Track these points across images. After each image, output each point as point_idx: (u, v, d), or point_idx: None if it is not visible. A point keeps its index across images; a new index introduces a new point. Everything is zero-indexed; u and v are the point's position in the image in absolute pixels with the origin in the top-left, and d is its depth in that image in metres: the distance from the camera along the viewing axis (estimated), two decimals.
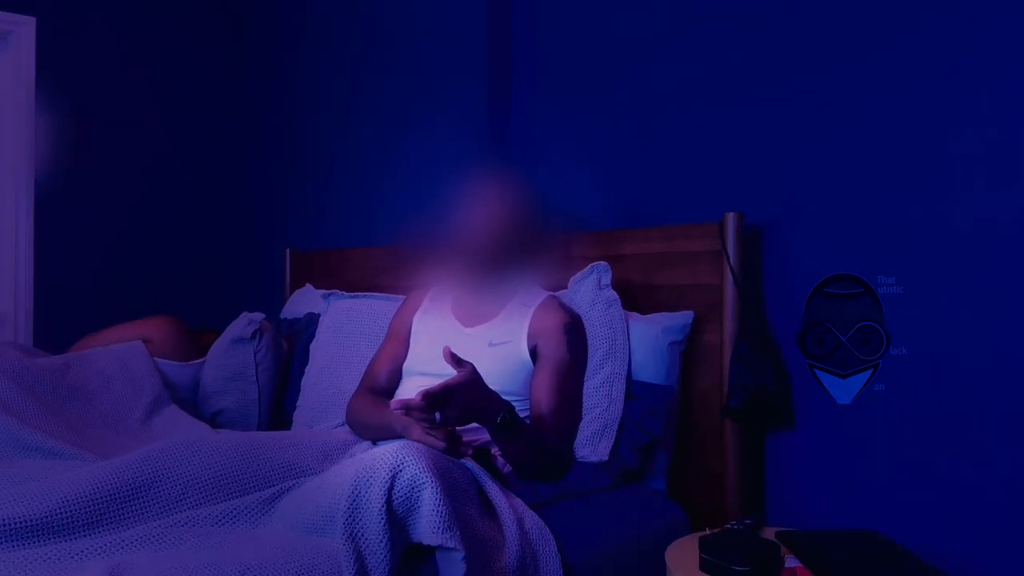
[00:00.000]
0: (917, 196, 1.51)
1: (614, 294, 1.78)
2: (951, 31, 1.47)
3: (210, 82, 3.65)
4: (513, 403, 1.63)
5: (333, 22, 3.02)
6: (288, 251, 3.03)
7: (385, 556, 1.11)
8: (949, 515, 1.45)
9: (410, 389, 1.68)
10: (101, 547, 1.12)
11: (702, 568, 1.31)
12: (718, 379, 1.72)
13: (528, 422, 1.63)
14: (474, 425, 1.46)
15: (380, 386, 1.76)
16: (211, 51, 3.65)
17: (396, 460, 1.18)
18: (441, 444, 1.37)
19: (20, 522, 1.12)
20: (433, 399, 1.30)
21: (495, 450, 1.56)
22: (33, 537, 1.13)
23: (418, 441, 1.36)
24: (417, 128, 2.59)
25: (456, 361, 1.36)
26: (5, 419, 1.71)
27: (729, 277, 1.70)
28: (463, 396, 1.34)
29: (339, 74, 2.97)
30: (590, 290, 1.81)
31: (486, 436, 1.53)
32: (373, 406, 1.66)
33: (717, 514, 1.68)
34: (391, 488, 1.15)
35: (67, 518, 1.17)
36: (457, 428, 1.42)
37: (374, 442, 1.65)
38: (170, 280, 3.49)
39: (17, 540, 1.11)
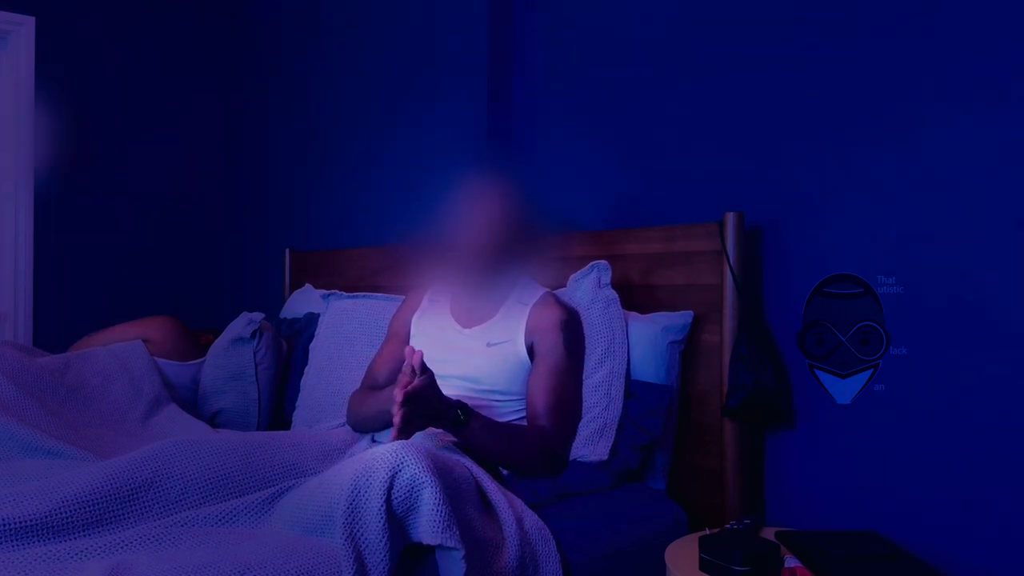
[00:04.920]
0: (918, 196, 1.51)
1: (613, 293, 1.78)
2: (949, 32, 1.47)
3: (210, 82, 3.65)
4: (513, 402, 1.64)
5: (334, 21, 3.02)
6: (288, 251, 3.03)
7: (385, 556, 1.11)
8: (949, 515, 1.45)
9: None
10: (101, 547, 1.12)
11: (702, 568, 1.31)
12: (718, 379, 1.72)
13: (525, 421, 1.64)
14: None
15: (379, 386, 1.76)
16: (211, 51, 3.65)
17: (396, 460, 1.18)
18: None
19: (20, 522, 1.12)
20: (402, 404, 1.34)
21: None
22: (33, 537, 1.13)
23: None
24: (418, 128, 2.59)
25: (421, 369, 1.38)
26: (5, 419, 1.71)
27: (729, 277, 1.70)
28: (421, 403, 1.37)
29: (340, 74, 2.97)
30: (589, 289, 1.81)
31: None
32: (367, 398, 1.68)
33: (717, 514, 1.69)
34: (390, 488, 1.15)
35: (67, 518, 1.17)
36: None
37: (373, 441, 1.65)
38: (170, 280, 3.49)
39: (17, 540, 1.11)
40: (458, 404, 1.44)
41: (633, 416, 1.68)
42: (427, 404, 1.38)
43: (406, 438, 1.38)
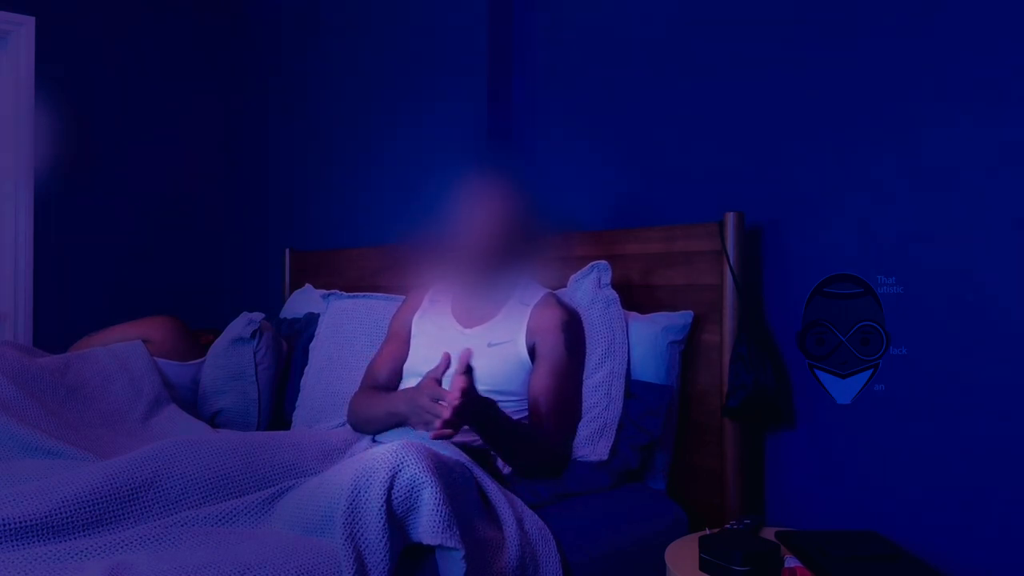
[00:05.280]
0: (918, 196, 1.50)
1: (613, 293, 1.78)
2: (949, 32, 1.47)
3: (210, 82, 3.65)
4: (513, 402, 1.64)
5: (334, 21, 3.02)
6: (288, 251, 3.03)
7: (385, 556, 1.11)
8: (949, 515, 1.45)
9: None
10: (101, 547, 1.12)
11: (702, 568, 1.31)
12: (718, 379, 1.72)
13: (526, 421, 1.64)
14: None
15: (380, 386, 1.76)
16: (211, 51, 3.65)
17: (396, 460, 1.18)
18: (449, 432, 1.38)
19: (20, 522, 1.12)
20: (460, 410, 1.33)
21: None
22: (33, 537, 1.13)
23: (428, 427, 1.38)
24: (418, 128, 2.59)
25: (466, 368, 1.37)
26: (5, 419, 1.71)
27: (729, 277, 1.70)
28: (472, 401, 1.37)
29: (340, 74, 2.97)
30: (590, 289, 1.81)
31: None
32: (372, 398, 1.67)
33: (717, 514, 1.69)
34: (391, 488, 1.15)
35: (67, 518, 1.17)
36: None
37: (374, 440, 1.65)
38: (170, 280, 3.49)
39: (17, 540, 1.11)
40: (491, 403, 1.45)
41: (633, 416, 1.68)
42: (473, 402, 1.39)
43: (451, 436, 1.38)
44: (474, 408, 1.39)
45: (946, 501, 1.45)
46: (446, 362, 1.39)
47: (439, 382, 1.40)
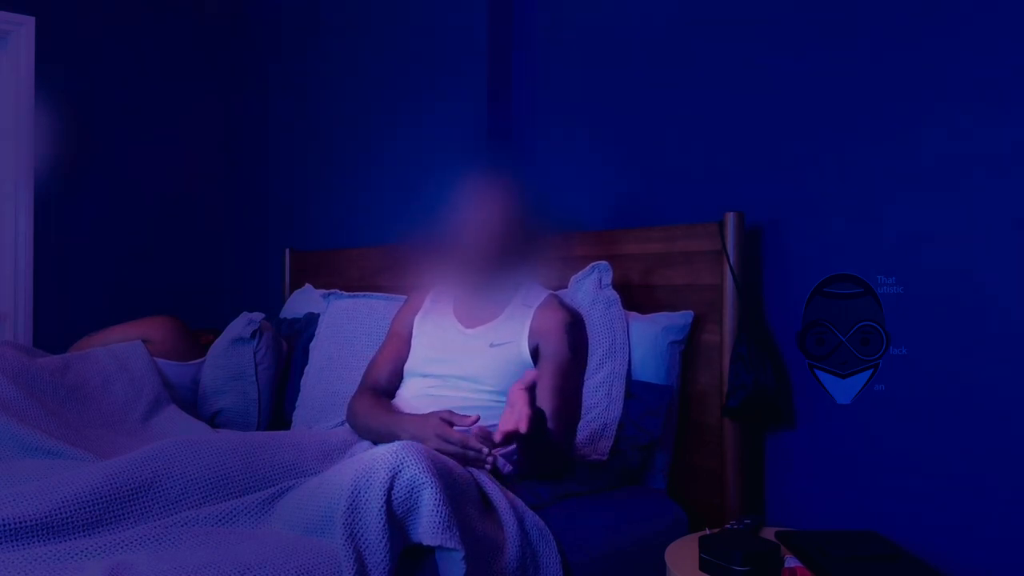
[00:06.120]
0: (918, 196, 1.50)
1: (614, 294, 1.78)
2: (949, 32, 1.47)
3: (210, 82, 3.65)
4: None
5: (334, 21, 3.02)
6: (288, 251, 3.03)
7: (385, 556, 1.11)
8: (949, 515, 1.45)
9: (411, 390, 1.68)
10: (101, 547, 1.12)
11: (702, 568, 1.31)
12: (718, 379, 1.72)
13: None
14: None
15: (381, 386, 1.76)
16: (211, 51, 3.65)
17: (396, 460, 1.18)
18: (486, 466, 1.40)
19: (20, 522, 1.12)
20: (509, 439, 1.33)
21: (495, 450, 1.56)
22: (33, 537, 1.13)
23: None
24: (418, 128, 2.59)
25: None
26: (5, 419, 1.71)
27: (729, 277, 1.70)
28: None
29: (340, 74, 2.97)
30: (591, 289, 1.81)
31: None
32: (376, 409, 1.66)
33: (717, 514, 1.69)
34: (391, 488, 1.15)
35: (67, 518, 1.17)
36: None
37: (374, 442, 1.65)
38: (170, 280, 3.49)
39: (17, 540, 1.11)
40: (542, 415, 1.43)
41: (633, 416, 1.68)
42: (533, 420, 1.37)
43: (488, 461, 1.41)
44: (531, 428, 1.37)
45: (946, 501, 1.45)
46: (471, 423, 1.40)
47: (451, 424, 1.41)
